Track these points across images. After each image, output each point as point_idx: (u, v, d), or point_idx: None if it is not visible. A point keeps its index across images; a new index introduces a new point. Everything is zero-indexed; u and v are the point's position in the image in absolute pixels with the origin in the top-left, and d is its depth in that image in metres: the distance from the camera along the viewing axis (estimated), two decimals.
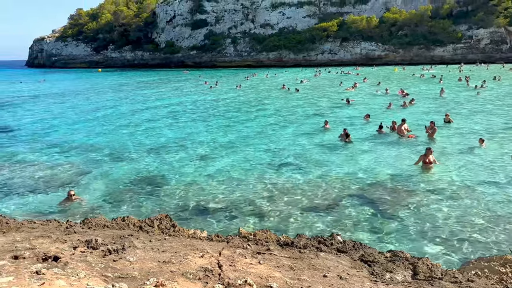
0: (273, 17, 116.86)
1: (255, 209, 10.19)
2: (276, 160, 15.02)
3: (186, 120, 25.41)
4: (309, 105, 31.01)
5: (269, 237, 6.25)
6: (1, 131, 22.47)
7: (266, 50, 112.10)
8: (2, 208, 10.60)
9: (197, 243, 5.68)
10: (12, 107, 34.42)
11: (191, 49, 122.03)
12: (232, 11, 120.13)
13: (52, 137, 20.44)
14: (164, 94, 42.92)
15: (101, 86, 56.23)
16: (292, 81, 55.26)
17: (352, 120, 23.84)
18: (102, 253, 4.54)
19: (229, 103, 34.08)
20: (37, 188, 12.32)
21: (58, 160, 15.77)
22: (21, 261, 4.02)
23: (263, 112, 28.14)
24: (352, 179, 12.55)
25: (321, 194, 11.24)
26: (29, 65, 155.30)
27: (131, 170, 14.10)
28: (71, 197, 10.72)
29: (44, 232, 5.47)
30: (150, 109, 31.31)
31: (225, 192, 11.56)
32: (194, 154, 16.23)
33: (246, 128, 21.89)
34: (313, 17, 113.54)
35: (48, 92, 48.60)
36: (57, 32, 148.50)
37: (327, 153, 16.05)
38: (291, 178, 12.80)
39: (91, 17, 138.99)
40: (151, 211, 10.24)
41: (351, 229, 8.94)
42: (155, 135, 20.52)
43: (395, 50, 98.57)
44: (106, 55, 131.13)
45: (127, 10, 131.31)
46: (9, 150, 17.65)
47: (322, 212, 9.90)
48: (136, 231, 6.44)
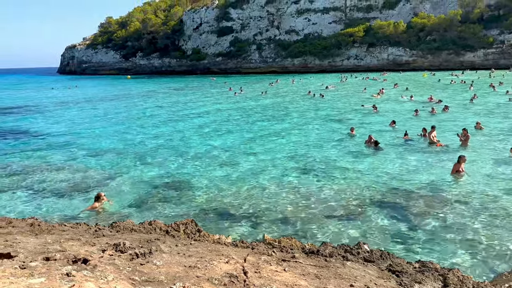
0: (298, 23, 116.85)
1: (279, 216, 10.14)
2: (301, 166, 14.93)
3: (211, 126, 25.64)
4: (334, 111, 30.74)
5: (294, 244, 6.20)
6: (33, 136, 23.30)
7: (291, 56, 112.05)
8: (35, 210, 10.96)
9: (222, 248, 5.70)
10: (44, 113, 35.65)
11: (217, 56, 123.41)
12: (258, 18, 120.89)
13: (82, 142, 21.02)
14: (190, 101, 43.49)
15: (130, 93, 57.55)
16: (317, 87, 54.98)
17: (378, 126, 23.47)
18: (130, 257, 4.61)
19: (254, 109, 34.18)
20: (67, 191, 12.68)
21: (88, 164, 16.20)
22: (52, 262, 4.14)
23: (287, 118, 28.08)
24: (379, 186, 12.33)
25: (346, 201, 11.08)
26: (61, 72, 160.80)
27: (157, 175, 14.33)
28: (100, 199, 10.98)
29: (74, 234, 5.62)
30: (176, 115, 31.78)
31: (249, 198, 11.56)
32: (219, 160, 16.35)
33: (271, 134, 21.88)
34: (339, 22, 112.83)
35: (79, 98, 50.11)
36: (87, 39, 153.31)
37: (353, 159, 15.84)
38: (316, 184, 12.68)
39: (120, 25, 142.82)
40: (176, 216, 10.35)
41: (378, 238, 8.76)
42: (180, 140, 20.80)
43: (423, 55, 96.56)
44: (135, 62, 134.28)
45: (155, 18, 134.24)
46: (41, 153, 18.26)
47: (348, 220, 9.75)
48: (163, 235, 6.52)
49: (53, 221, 9.55)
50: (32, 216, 8.60)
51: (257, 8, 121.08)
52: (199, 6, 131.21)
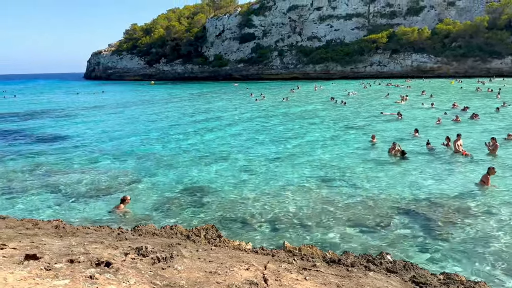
0: (320, 30, 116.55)
1: (299, 223, 10.06)
2: (322, 174, 14.80)
3: (232, 131, 25.77)
4: (356, 118, 30.42)
5: (314, 253, 6.13)
6: (59, 139, 23.93)
7: (313, 63, 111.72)
8: (60, 212, 11.21)
9: (243, 255, 5.69)
10: (70, 116, 36.60)
11: (239, 62, 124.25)
12: (280, 24, 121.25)
13: (106, 145, 21.46)
14: (212, 106, 43.86)
15: (154, 98, 58.51)
16: (340, 94, 54.59)
17: (399, 134, 23.11)
18: (152, 261, 4.66)
19: (275, 115, 34.18)
20: (90, 193, 12.94)
21: (111, 167, 16.50)
22: (76, 265, 4.21)
23: (309, 124, 27.95)
24: (402, 195, 12.09)
25: (368, 210, 10.91)
26: (87, 77, 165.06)
27: (178, 179, 14.47)
28: (125, 201, 11.18)
29: (98, 237, 5.71)
30: (198, 120, 32.09)
31: (269, 204, 11.52)
32: (239, 165, 16.39)
33: (292, 141, 21.81)
34: (361, 29, 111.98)
35: (105, 103, 51.25)
36: (113, 46, 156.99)
37: (375, 168, 15.60)
38: (337, 192, 12.54)
39: (145, 32, 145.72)
40: (196, 220, 10.41)
41: (401, 248, 8.57)
42: (202, 145, 20.96)
43: (449, 62, 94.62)
44: (158, 68, 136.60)
45: (179, 25, 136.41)
46: (66, 156, 18.72)
47: (370, 229, 9.58)
48: (184, 240, 6.55)
49: (76, 222, 9.76)
50: (57, 218, 8.81)
51: (279, 14, 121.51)
52: (222, 13, 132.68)
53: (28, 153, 19.69)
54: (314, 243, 7.80)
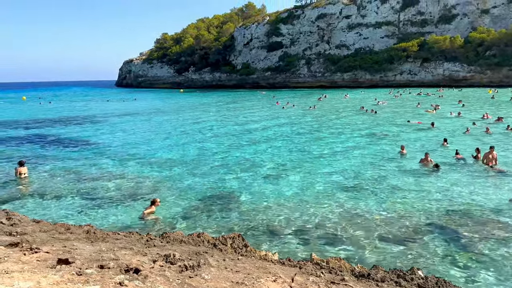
0: (349, 38, 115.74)
1: (327, 235, 9.90)
2: (350, 184, 14.56)
3: (259, 139, 25.79)
4: (386, 128, 29.86)
5: (343, 266, 6.00)
6: (91, 145, 24.62)
7: (341, 71, 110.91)
8: (91, 216, 11.49)
9: (269, 266, 5.63)
10: (101, 123, 37.66)
11: (266, 71, 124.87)
12: (308, 32, 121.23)
13: (136, 152, 21.89)
14: (239, 114, 44.13)
15: (183, 106, 59.52)
16: (369, 102, 53.85)
17: (429, 144, 22.53)
18: (179, 269, 4.67)
19: (302, 124, 34.01)
20: (120, 199, 13.20)
21: (140, 173, 16.81)
22: (106, 270, 4.28)
23: (337, 133, 27.65)
24: (433, 208, 11.71)
25: (399, 223, 10.61)
26: (118, 85, 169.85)
27: (205, 186, 14.57)
28: (155, 203, 11.38)
29: (127, 243, 5.80)
30: (225, 127, 32.33)
31: (296, 215, 11.41)
32: (266, 174, 16.34)
33: (320, 150, 21.60)
34: (391, 37, 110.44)
35: (136, 110, 52.48)
36: (144, 54, 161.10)
37: (405, 179, 15.21)
38: (366, 204, 12.29)
39: (175, 41, 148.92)
40: (222, 228, 10.42)
41: (433, 263, 8.28)
42: (229, 153, 21.06)
43: (482, 71, 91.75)
44: (187, 76, 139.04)
45: (208, 34, 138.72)
46: (96, 162, 19.22)
47: (400, 243, 9.31)
48: (211, 248, 6.56)
49: (106, 227, 9.96)
50: (88, 223, 9.02)
51: (307, 23, 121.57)
52: (250, 22, 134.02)
53: (61, 158, 20.34)
54: (342, 256, 7.65)
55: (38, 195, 13.72)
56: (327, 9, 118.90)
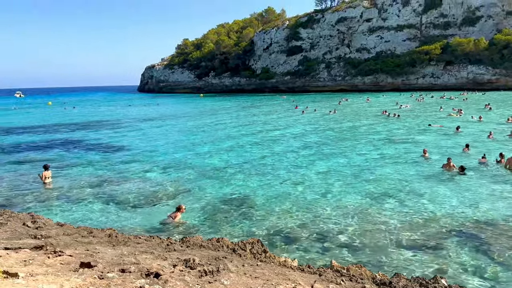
0: (370, 41, 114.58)
1: (347, 241, 9.77)
2: (371, 190, 14.35)
3: (279, 144, 25.73)
4: (408, 132, 29.37)
5: (363, 274, 5.90)
6: (112, 149, 25.07)
7: (361, 75, 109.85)
8: (112, 219, 11.68)
9: (289, 272, 5.59)
10: (124, 128, 38.33)
11: (285, 75, 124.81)
12: (328, 36, 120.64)
13: (158, 156, 22.17)
14: (259, 119, 44.20)
15: (204, 110, 60.06)
16: (391, 106, 53.12)
17: (451, 148, 22.05)
18: (199, 274, 4.69)
19: (323, 128, 33.79)
20: (141, 203, 13.38)
21: (161, 178, 17.00)
22: (127, 275, 4.33)
23: (359, 138, 27.34)
24: (457, 214, 11.42)
25: (421, 229, 10.39)
26: (140, 90, 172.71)
27: (225, 191, 14.62)
28: (180, 210, 11.49)
29: (148, 248, 5.86)
30: (246, 132, 32.42)
31: (316, 220, 11.31)
32: (286, 179, 16.28)
33: (341, 155, 21.40)
34: (413, 40, 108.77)
35: (158, 115, 53.23)
36: (165, 60, 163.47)
37: (427, 184, 14.90)
38: (387, 209, 12.08)
39: (196, 46, 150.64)
40: (242, 233, 10.42)
41: (457, 272, 8.06)
42: (249, 158, 21.09)
43: (508, 74, 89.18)
44: (207, 81, 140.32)
45: (228, 39, 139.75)
46: (118, 166, 19.54)
47: (423, 250, 9.10)
48: (230, 254, 6.57)
49: (127, 231, 10.10)
50: (110, 226, 9.17)
51: (327, 27, 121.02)
52: (270, 27, 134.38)
53: (85, 163, 20.78)
54: (363, 263, 7.53)
55: (62, 199, 14.04)
56: (347, 12, 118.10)
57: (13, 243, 5.53)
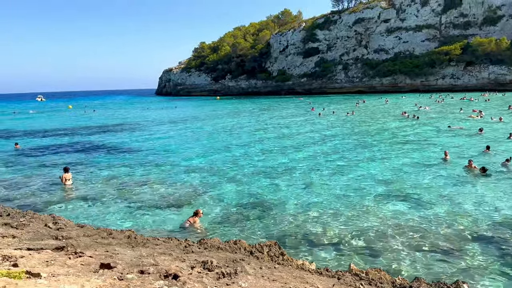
0: (388, 42, 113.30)
1: (366, 244, 9.64)
2: (391, 192, 14.15)
3: (297, 146, 25.63)
4: (428, 134, 28.88)
5: (383, 278, 5.82)
6: (132, 152, 25.40)
7: (379, 76, 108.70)
8: (131, 220, 11.82)
9: (307, 275, 5.55)
10: (143, 131, 38.80)
11: (302, 77, 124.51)
12: (345, 37, 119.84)
13: (175, 158, 22.36)
14: (276, 121, 44.15)
15: (221, 113, 60.36)
16: (411, 108, 52.38)
17: (472, 150, 21.58)
18: (217, 276, 4.70)
19: (341, 130, 33.52)
20: (159, 205, 13.50)
21: (179, 180, 17.13)
22: (146, 276, 4.37)
23: (378, 139, 27.02)
24: (480, 217, 11.15)
25: (442, 233, 10.18)
26: (158, 94, 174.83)
27: (242, 193, 14.63)
28: (198, 214, 11.55)
29: (166, 249, 5.90)
30: (263, 134, 32.43)
31: (334, 223, 11.21)
32: (303, 181, 16.19)
33: (360, 156, 21.17)
34: (432, 40, 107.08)
35: (176, 118, 53.74)
36: (182, 63, 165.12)
37: (448, 186, 14.60)
38: (407, 212, 11.88)
39: (212, 49, 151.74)
40: (259, 236, 10.40)
41: (480, 277, 7.86)
42: (266, 160, 21.07)
43: None
44: (224, 84, 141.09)
45: (244, 42, 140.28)
46: (137, 169, 19.77)
47: (444, 254, 8.92)
48: (247, 256, 6.56)
49: (146, 233, 10.20)
50: (129, 228, 9.28)
51: (344, 28, 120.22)
52: (287, 29, 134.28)
53: (104, 165, 21.10)
54: (382, 267, 7.42)
55: (82, 200, 14.29)
56: (364, 13, 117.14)
57: (35, 244, 5.65)
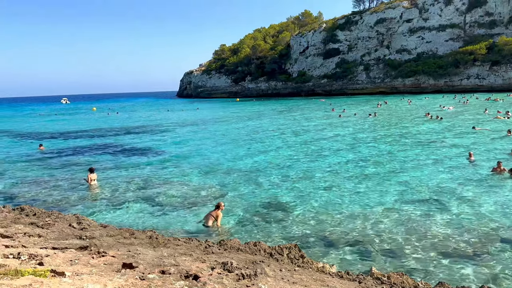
0: (410, 42, 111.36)
1: (388, 248, 9.48)
2: (413, 194, 13.89)
3: (319, 148, 25.46)
4: (452, 134, 28.23)
5: (405, 282, 5.71)
6: (154, 153, 25.75)
7: (402, 76, 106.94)
8: (153, 220, 11.97)
9: (327, 278, 5.50)
10: (164, 132, 39.30)
11: (322, 78, 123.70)
12: (366, 38, 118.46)
13: (197, 160, 22.55)
14: (297, 122, 44.00)
15: (242, 114, 60.62)
16: (434, 108, 51.32)
17: (500, 152, 20.95)
18: (237, 277, 4.71)
19: (363, 131, 33.13)
20: (180, 206, 13.63)
21: (200, 181, 17.27)
22: (167, 276, 4.41)
23: (401, 141, 26.59)
24: (507, 221, 10.81)
25: (467, 236, 9.92)
26: (179, 96, 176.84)
27: (261, 194, 14.63)
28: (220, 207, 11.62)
29: (187, 250, 5.95)
30: (284, 135, 32.36)
31: (355, 225, 11.07)
32: (324, 183, 16.07)
33: (382, 158, 20.87)
34: (456, 40, 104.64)
35: (197, 119, 54.25)
36: (203, 66, 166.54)
37: (474, 188, 14.23)
38: (431, 215, 11.63)
39: (232, 51, 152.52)
40: (278, 237, 10.37)
41: (506, 283, 7.62)
42: (286, 162, 21.01)
43: None
44: (243, 85, 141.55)
45: (264, 43, 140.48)
46: (159, 170, 20.04)
47: (469, 259, 8.68)
48: (267, 258, 6.55)
49: (167, 233, 10.32)
50: (150, 228, 9.40)
51: (365, 28, 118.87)
52: (307, 30, 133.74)
53: (127, 166, 21.47)
54: (404, 271, 7.28)
55: (105, 200, 14.57)
56: (386, 13, 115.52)
57: (60, 243, 5.79)
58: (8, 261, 4.49)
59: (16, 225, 6.90)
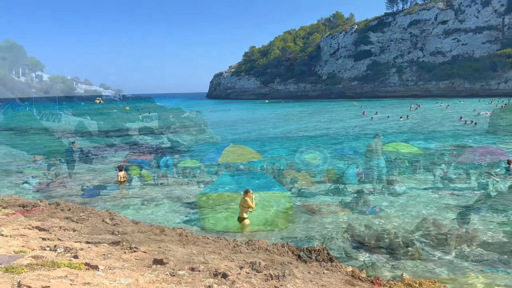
0: (445, 44, 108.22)
1: (420, 253, 9.21)
2: (450, 201, 13.47)
3: (345, 149, 25.07)
4: (487, 140, 27.18)
5: None
6: (182, 152, 26.09)
7: (436, 79, 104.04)
8: (182, 218, 12.13)
9: (357, 283, 5.40)
10: (195, 132, 39.77)
11: (352, 80, 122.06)
12: (399, 40, 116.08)
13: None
14: (329, 124, 43.60)
15: (274, 116, 60.77)
16: (469, 113, 49.75)
17: None
18: (265, 277, 4.70)
19: (394, 135, 32.44)
20: (208, 204, 13.75)
21: (230, 181, 17.33)
22: (196, 273, 4.45)
23: (435, 146, 25.88)
24: None
25: (505, 244, 9.50)
26: (209, 97, 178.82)
27: (292, 196, 14.54)
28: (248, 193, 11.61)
29: (216, 248, 6.00)
30: (315, 137, 32.16)
31: (386, 230, 10.81)
32: (354, 187, 15.81)
33: (415, 163, 20.33)
34: (494, 42, 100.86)
35: (230, 120, 54.64)
36: (232, 67, 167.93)
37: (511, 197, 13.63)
38: (468, 222, 11.22)
39: (262, 53, 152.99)
40: (305, 239, 10.27)
41: None
42: (317, 163, 20.81)
43: None
44: (272, 87, 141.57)
45: (294, 45, 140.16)
46: (186, 168, 20.22)
47: (506, 266, 8.32)
48: (295, 260, 6.50)
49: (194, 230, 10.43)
50: (180, 226, 9.53)
51: (398, 30, 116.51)
52: (338, 31, 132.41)
53: (157, 164, 21.83)
54: (437, 278, 7.04)
55: (136, 198, 14.89)
56: (420, 15, 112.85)
57: (93, 238, 5.96)
58: (45, 253, 4.66)
59: (52, 219, 7.16)
